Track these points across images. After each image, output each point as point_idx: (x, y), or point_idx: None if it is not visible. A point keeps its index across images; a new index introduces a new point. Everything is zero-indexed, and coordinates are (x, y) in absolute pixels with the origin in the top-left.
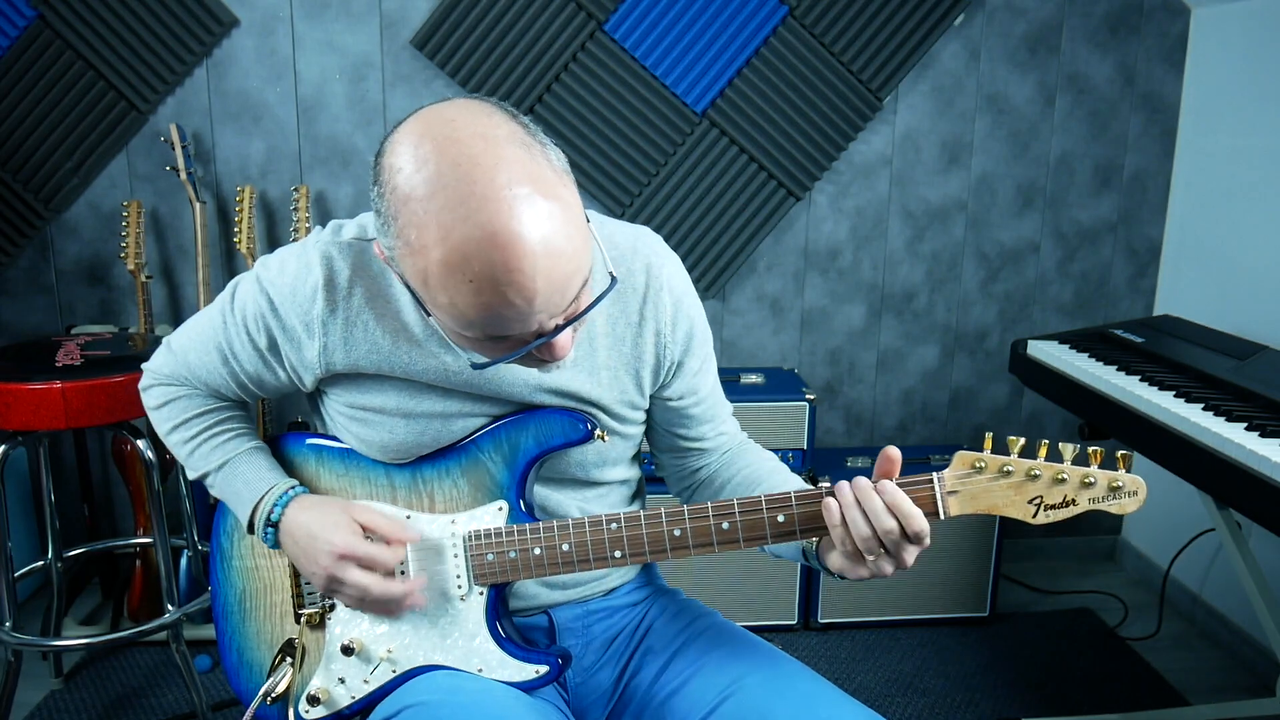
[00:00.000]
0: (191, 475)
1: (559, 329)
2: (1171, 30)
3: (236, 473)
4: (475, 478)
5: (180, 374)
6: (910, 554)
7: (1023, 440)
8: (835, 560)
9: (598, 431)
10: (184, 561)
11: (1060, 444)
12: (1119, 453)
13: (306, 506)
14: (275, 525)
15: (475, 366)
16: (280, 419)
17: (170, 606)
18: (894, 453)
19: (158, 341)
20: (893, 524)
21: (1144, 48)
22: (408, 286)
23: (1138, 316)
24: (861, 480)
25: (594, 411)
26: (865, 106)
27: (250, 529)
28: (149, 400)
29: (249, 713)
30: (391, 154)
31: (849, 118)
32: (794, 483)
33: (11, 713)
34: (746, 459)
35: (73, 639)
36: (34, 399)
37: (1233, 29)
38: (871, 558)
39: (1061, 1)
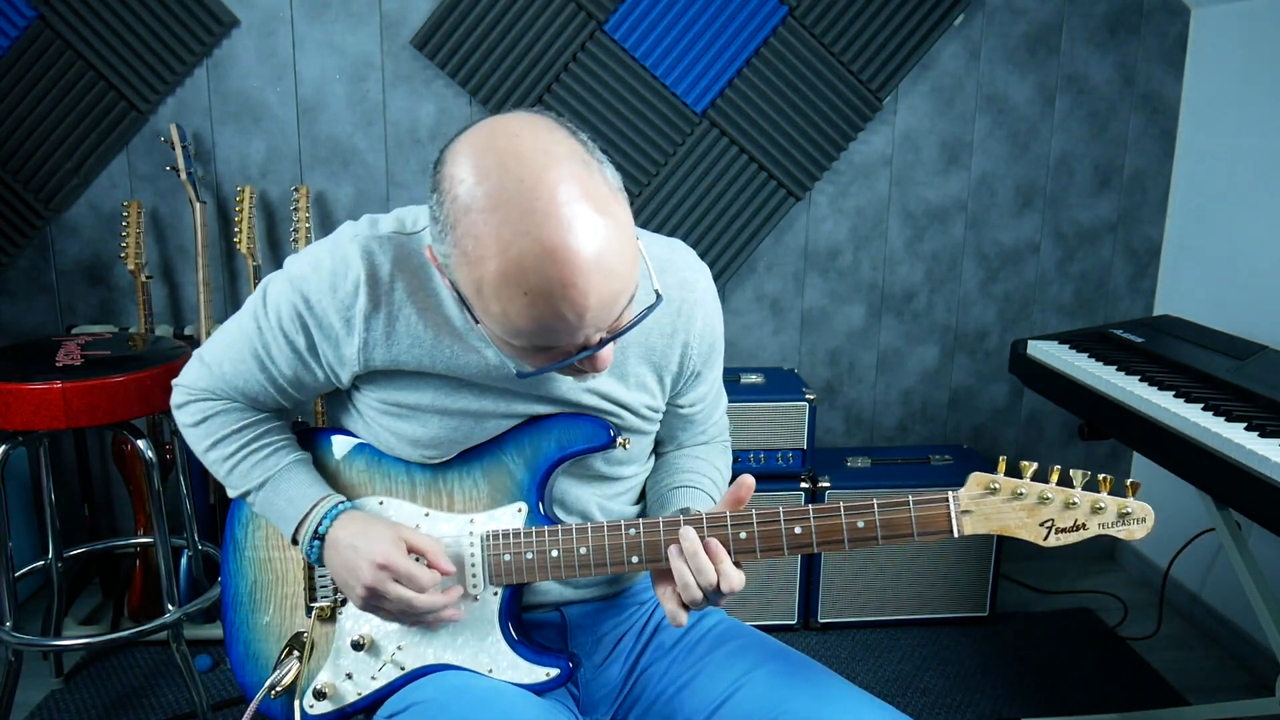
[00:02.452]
0: (232, 493)
1: (603, 343)
2: (1171, 30)
3: (279, 490)
4: (496, 479)
5: (216, 387)
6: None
7: (1035, 465)
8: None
9: (620, 439)
10: (184, 561)
11: (1071, 470)
12: (1128, 481)
13: (354, 521)
14: (321, 539)
15: (521, 375)
16: None
17: (170, 606)
18: (749, 481)
19: (158, 341)
20: (713, 579)
21: (1144, 48)
22: (458, 294)
23: (1138, 316)
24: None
25: (623, 413)
26: (865, 106)
27: (294, 542)
28: (184, 418)
29: (253, 704)
30: (453, 163)
31: (849, 118)
32: (704, 484)
33: (11, 713)
34: (689, 454)
35: (73, 639)
36: (34, 399)
37: (1233, 29)
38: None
39: (1061, 2)
